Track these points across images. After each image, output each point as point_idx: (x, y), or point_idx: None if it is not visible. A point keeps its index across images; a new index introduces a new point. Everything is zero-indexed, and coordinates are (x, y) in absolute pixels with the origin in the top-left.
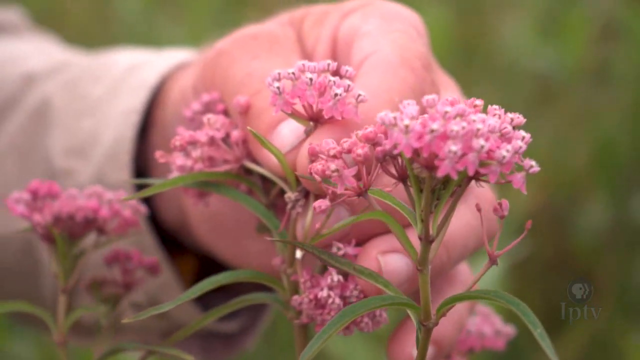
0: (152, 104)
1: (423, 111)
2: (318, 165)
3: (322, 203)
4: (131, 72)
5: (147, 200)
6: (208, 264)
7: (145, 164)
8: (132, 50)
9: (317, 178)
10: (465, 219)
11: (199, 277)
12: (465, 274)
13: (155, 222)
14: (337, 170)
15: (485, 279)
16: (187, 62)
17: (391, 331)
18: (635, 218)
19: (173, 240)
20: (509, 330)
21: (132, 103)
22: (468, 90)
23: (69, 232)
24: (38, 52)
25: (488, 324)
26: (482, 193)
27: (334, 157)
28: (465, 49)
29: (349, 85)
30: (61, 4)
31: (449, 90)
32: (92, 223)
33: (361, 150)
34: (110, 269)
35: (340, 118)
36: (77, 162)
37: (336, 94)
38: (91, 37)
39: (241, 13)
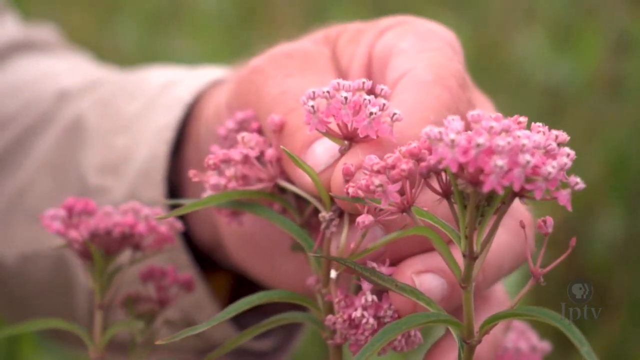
0: (186, 121)
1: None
2: (362, 181)
3: (366, 218)
4: (165, 89)
5: (181, 219)
6: (241, 282)
7: (179, 181)
8: (166, 68)
9: (360, 194)
10: (500, 238)
11: (232, 295)
12: (500, 294)
13: (189, 240)
14: (381, 186)
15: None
16: (221, 79)
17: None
18: None
19: (206, 258)
20: (545, 346)
21: (166, 120)
22: None
23: (106, 248)
24: (72, 70)
25: (524, 340)
26: (518, 212)
27: (378, 172)
28: (479, 62)
29: (384, 104)
30: (68, 22)
31: (485, 109)
32: (128, 239)
33: (405, 165)
34: (145, 285)
35: (375, 137)
36: (111, 180)
37: (371, 113)
38: (98, 55)
39: (251, 31)
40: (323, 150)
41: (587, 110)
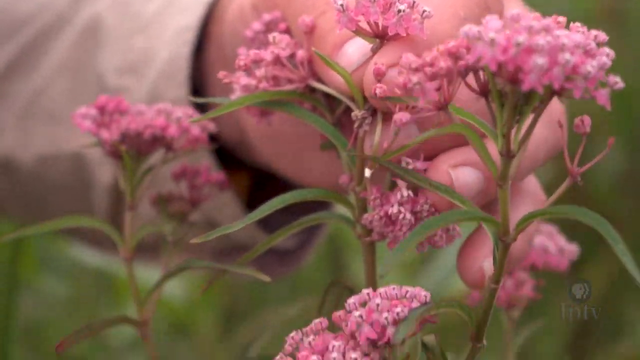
0: (207, 20)
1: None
2: (400, 78)
3: (403, 116)
4: None
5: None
6: (260, 181)
7: (200, 80)
8: None
9: (397, 92)
10: (535, 130)
11: (250, 193)
12: (534, 186)
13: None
14: (419, 83)
15: None
16: None
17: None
18: None
19: (226, 157)
20: (573, 248)
21: (186, 20)
22: None
23: (137, 149)
24: None
25: (552, 242)
26: (551, 105)
27: (416, 70)
28: None
29: (413, 2)
30: None
31: (512, 4)
32: (160, 140)
33: (444, 63)
34: (178, 184)
35: (405, 34)
36: (131, 80)
37: (400, 10)
38: None
39: None
40: (354, 50)
41: None
